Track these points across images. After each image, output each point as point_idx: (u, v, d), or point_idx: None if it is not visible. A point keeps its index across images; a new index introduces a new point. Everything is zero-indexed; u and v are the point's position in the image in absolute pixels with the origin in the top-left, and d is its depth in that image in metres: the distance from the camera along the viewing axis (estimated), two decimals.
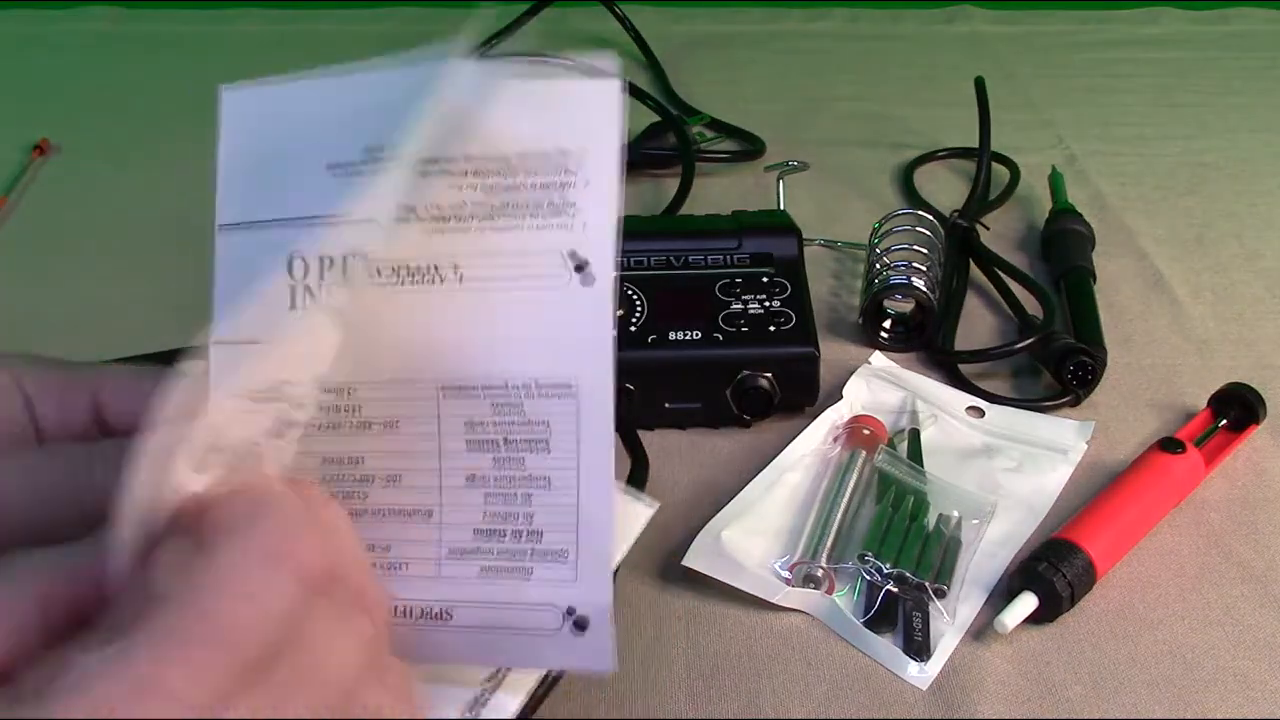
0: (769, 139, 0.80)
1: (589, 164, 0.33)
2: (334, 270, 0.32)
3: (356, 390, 0.34)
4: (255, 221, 0.33)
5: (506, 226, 0.33)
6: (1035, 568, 0.43)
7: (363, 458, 0.34)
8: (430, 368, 0.34)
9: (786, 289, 0.54)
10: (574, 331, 0.33)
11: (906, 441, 0.52)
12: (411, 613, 0.34)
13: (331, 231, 0.32)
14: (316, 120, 0.33)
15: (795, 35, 1.01)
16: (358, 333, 0.34)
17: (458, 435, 0.34)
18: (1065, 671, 0.42)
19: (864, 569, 0.45)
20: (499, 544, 0.33)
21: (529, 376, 0.33)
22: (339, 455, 0.34)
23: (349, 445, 0.34)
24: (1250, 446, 0.52)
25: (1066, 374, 0.55)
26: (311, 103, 0.34)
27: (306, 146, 0.33)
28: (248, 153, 0.33)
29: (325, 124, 0.33)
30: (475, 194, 0.34)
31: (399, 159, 0.32)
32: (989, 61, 0.90)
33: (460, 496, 0.34)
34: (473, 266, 0.34)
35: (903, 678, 0.42)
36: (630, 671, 0.42)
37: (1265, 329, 0.62)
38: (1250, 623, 0.44)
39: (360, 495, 0.34)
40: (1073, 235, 0.67)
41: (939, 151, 0.79)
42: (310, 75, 0.33)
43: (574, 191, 0.33)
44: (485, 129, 0.34)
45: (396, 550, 0.34)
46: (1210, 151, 0.81)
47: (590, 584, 0.33)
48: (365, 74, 0.34)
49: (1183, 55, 0.97)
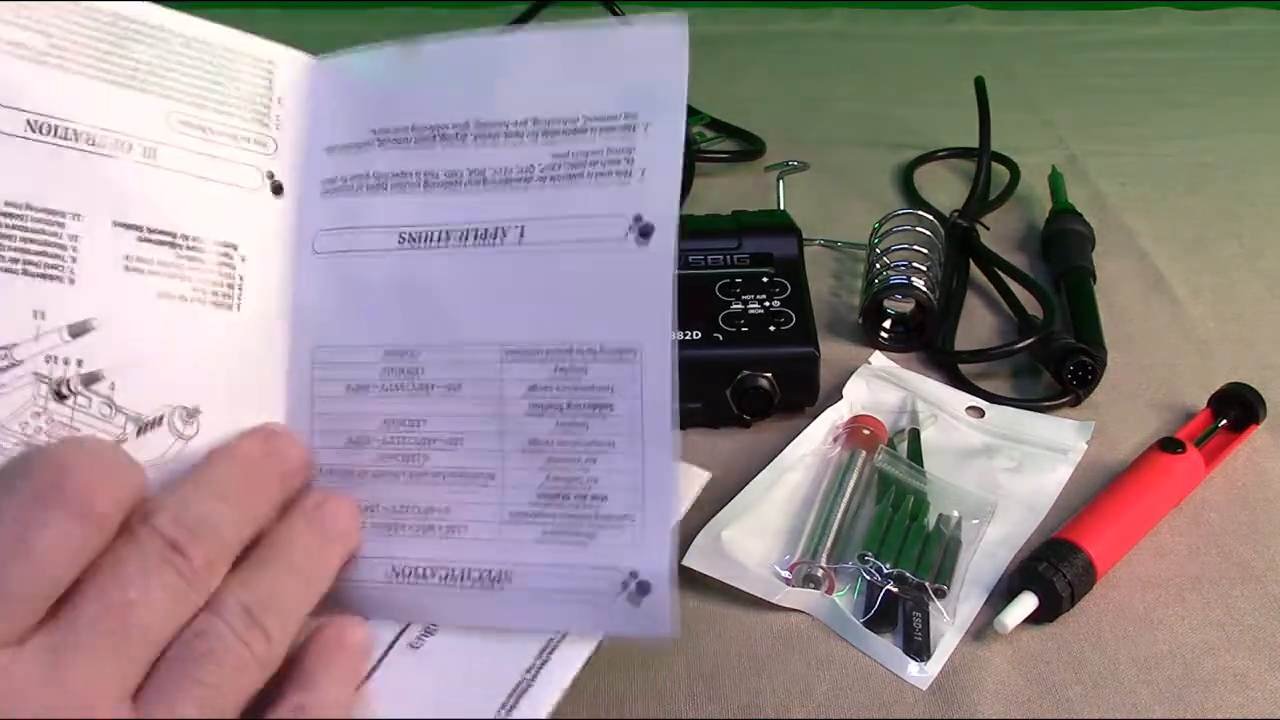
0: (769, 139, 0.80)
1: (653, 111, 0.33)
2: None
3: (419, 353, 0.34)
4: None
5: (571, 185, 0.33)
6: (1035, 568, 0.43)
7: (424, 420, 0.34)
8: (494, 330, 0.34)
9: (786, 289, 0.54)
10: (635, 293, 0.33)
11: (906, 441, 0.52)
12: (469, 575, 0.33)
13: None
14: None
15: (795, 35, 1.01)
16: (422, 295, 0.34)
17: (520, 399, 0.33)
18: (1065, 671, 0.42)
19: (864, 569, 0.45)
20: (561, 508, 0.33)
21: (593, 340, 0.33)
22: (400, 417, 0.34)
23: (410, 407, 0.34)
24: (1250, 446, 0.52)
25: (1066, 374, 0.55)
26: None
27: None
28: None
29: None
30: (543, 155, 0.34)
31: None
32: (989, 61, 0.90)
33: (522, 460, 0.33)
34: (537, 227, 0.34)
35: (903, 678, 0.42)
36: (630, 672, 0.42)
37: (1265, 329, 0.62)
38: (1250, 623, 0.44)
39: (420, 458, 0.34)
40: (1073, 235, 0.67)
41: (939, 151, 0.79)
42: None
43: (637, 140, 0.33)
44: (551, 87, 0.34)
45: (456, 513, 0.34)
46: (1210, 151, 0.81)
47: (653, 548, 0.32)
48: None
49: (1183, 55, 0.97)
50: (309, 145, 0.36)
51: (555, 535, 0.33)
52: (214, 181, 0.35)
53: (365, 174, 0.35)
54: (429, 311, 0.34)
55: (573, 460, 0.33)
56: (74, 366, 0.32)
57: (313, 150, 0.36)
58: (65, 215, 0.32)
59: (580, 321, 0.33)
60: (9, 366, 0.32)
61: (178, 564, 0.29)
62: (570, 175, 0.33)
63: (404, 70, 0.36)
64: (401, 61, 0.36)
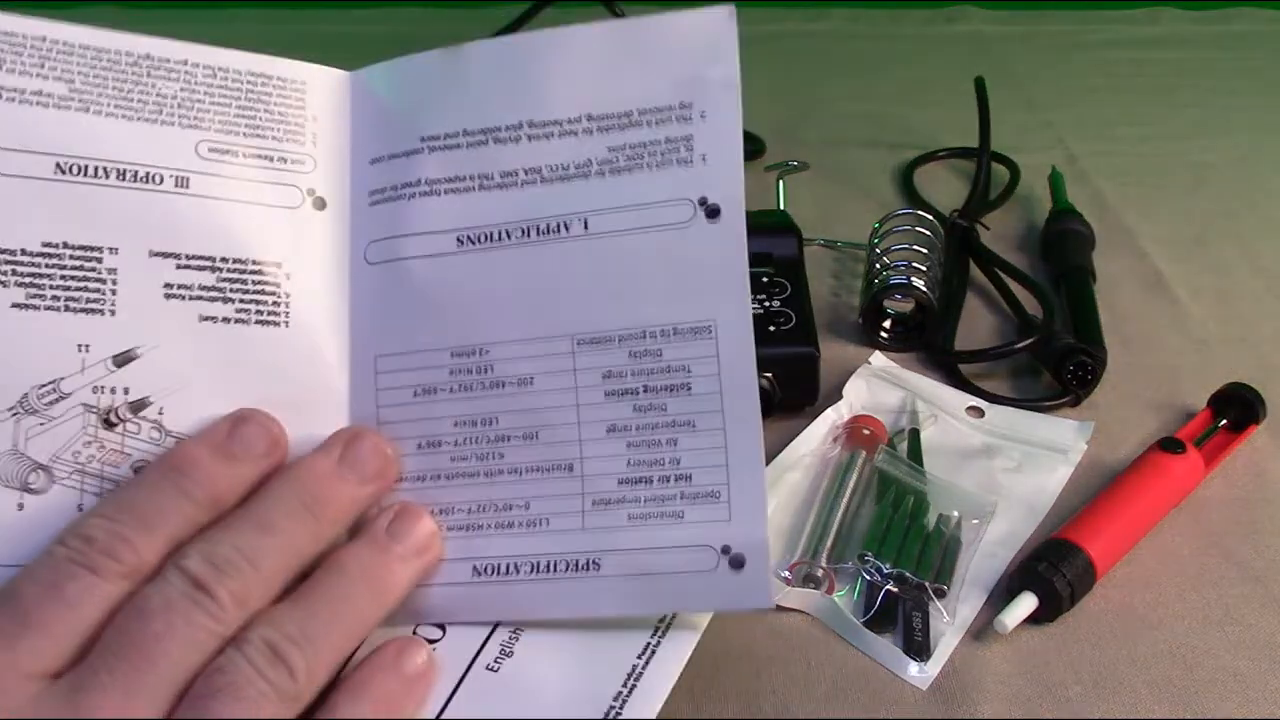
0: (769, 139, 0.80)
1: (708, 98, 0.33)
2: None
3: (488, 350, 0.34)
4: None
5: (631, 174, 0.33)
6: (1035, 568, 0.43)
7: (497, 417, 0.34)
8: (563, 321, 0.34)
9: (786, 289, 0.54)
10: (706, 271, 0.33)
11: (906, 441, 0.52)
12: (557, 565, 0.33)
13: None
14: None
15: (795, 35, 1.01)
16: (486, 294, 0.34)
17: (595, 387, 0.33)
18: (1065, 671, 0.42)
19: (864, 569, 0.45)
20: (646, 490, 0.33)
21: (666, 321, 0.33)
22: (471, 417, 0.34)
23: (482, 406, 0.34)
24: (1250, 446, 0.52)
25: (1066, 374, 0.55)
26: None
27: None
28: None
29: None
30: (599, 149, 0.34)
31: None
32: (989, 61, 0.90)
33: (601, 447, 0.33)
34: (600, 217, 0.34)
35: (903, 678, 0.42)
36: None
37: (1265, 329, 0.62)
38: (1250, 623, 0.44)
39: (496, 455, 0.34)
40: (1073, 235, 0.67)
41: (939, 151, 0.79)
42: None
43: (695, 128, 0.33)
44: (603, 81, 0.34)
45: (537, 506, 0.34)
46: (1210, 151, 0.81)
47: (745, 522, 0.33)
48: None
49: (1183, 55, 0.97)
50: (352, 159, 0.37)
51: (643, 518, 0.33)
52: (251, 203, 0.35)
53: (416, 180, 0.36)
54: (495, 310, 0.34)
55: (653, 442, 0.33)
56: (121, 395, 0.33)
57: (356, 163, 0.37)
58: (102, 250, 0.33)
59: (652, 305, 0.33)
60: (57, 399, 0.32)
61: (203, 602, 0.30)
62: (629, 166, 0.33)
63: (448, 75, 0.36)
64: (444, 66, 0.36)
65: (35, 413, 0.32)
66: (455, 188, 0.35)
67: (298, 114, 0.37)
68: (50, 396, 0.32)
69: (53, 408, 0.32)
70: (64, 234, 0.33)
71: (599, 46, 0.34)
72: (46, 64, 0.33)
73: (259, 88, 0.37)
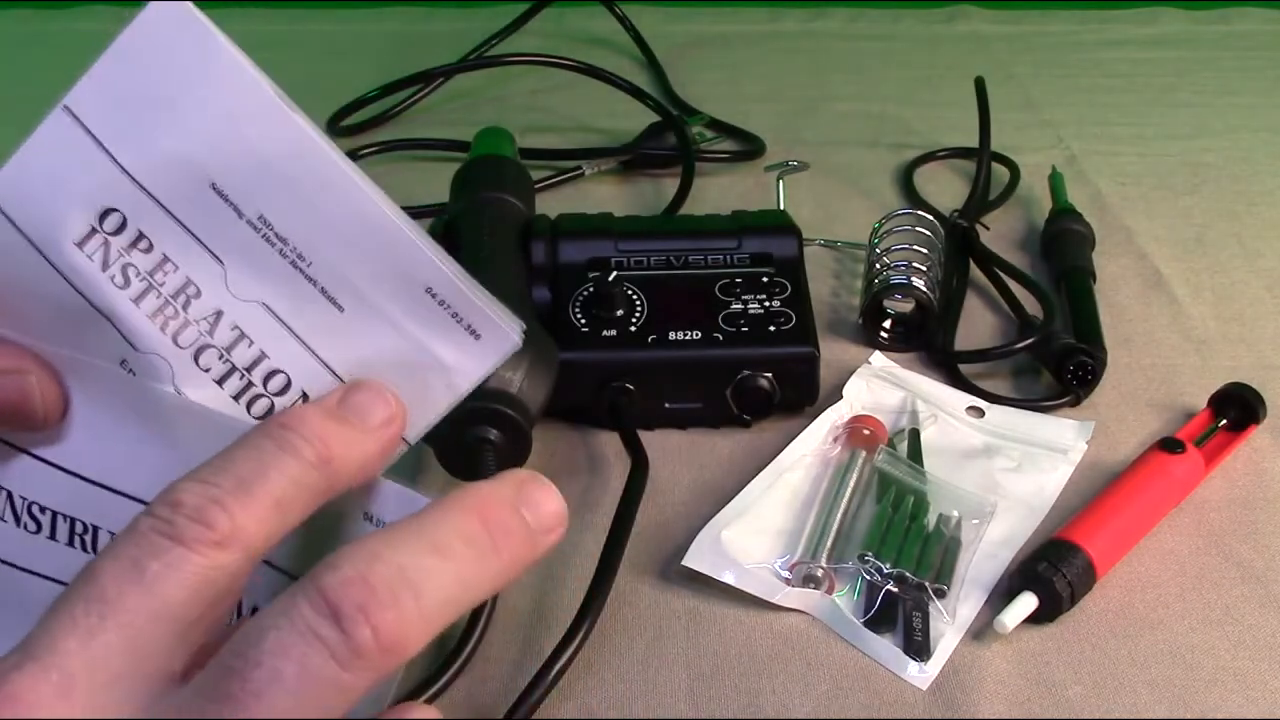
0: (769, 139, 0.80)
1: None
2: (143, 254, 0.30)
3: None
4: (102, 141, 0.30)
5: None
6: (1035, 568, 0.43)
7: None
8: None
9: (786, 289, 0.54)
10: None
11: (906, 441, 0.52)
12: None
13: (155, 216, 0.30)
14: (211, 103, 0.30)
15: (795, 35, 1.01)
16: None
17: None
18: (1065, 671, 0.42)
19: (864, 569, 0.45)
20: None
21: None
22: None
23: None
24: (1250, 446, 0.52)
25: (1066, 374, 0.55)
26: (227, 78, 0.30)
27: (188, 122, 0.30)
28: (149, 80, 0.30)
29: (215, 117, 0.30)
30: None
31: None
32: (989, 61, 0.90)
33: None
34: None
35: (903, 678, 0.42)
36: (630, 671, 0.42)
37: (1265, 329, 0.62)
38: (1250, 623, 0.44)
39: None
40: (1073, 235, 0.67)
41: (939, 151, 0.79)
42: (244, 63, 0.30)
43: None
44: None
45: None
46: (1210, 151, 0.81)
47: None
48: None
49: (1183, 55, 0.97)
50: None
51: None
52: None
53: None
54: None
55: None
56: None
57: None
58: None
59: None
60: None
61: (337, 648, 0.24)
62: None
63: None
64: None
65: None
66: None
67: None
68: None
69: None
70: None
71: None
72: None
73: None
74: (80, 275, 0.30)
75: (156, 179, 0.30)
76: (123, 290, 0.30)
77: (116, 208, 0.30)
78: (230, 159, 0.30)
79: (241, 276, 0.31)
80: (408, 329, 0.31)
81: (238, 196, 0.30)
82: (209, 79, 0.29)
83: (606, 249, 0.56)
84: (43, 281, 0.30)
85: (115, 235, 0.30)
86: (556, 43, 0.92)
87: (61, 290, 0.31)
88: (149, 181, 0.30)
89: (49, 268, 0.30)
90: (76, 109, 0.30)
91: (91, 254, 0.30)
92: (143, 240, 0.30)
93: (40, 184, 0.30)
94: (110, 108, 0.30)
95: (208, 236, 0.30)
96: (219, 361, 0.31)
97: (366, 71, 0.83)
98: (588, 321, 0.53)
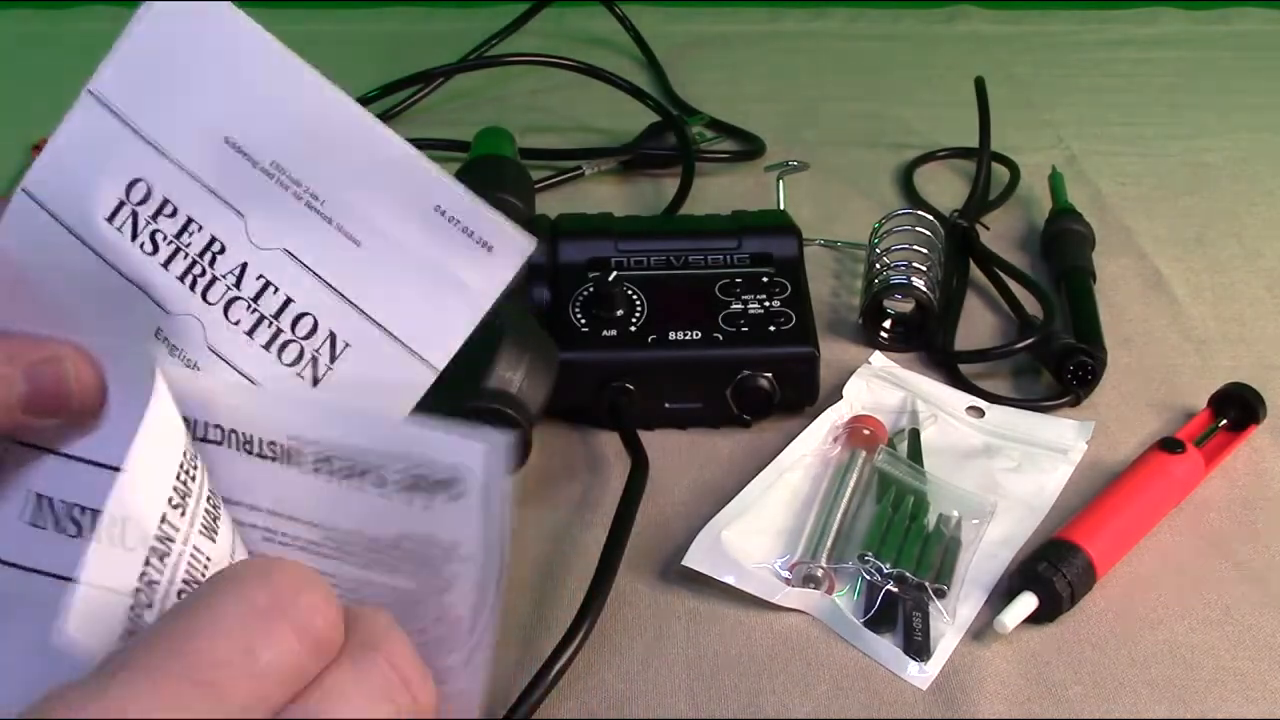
0: (769, 139, 0.80)
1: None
2: (168, 219, 0.32)
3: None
4: (125, 117, 0.32)
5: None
6: (1035, 568, 0.43)
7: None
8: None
9: (786, 289, 0.54)
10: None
11: (906, 441, 0.52)
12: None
13: (187, 186, 0.32)
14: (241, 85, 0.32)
15: (795, 35, 1.00)
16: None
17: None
18: (1065, 671, 0.42)
19: (864, 569, 0.45)
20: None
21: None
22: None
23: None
24: (1250, 446, 0.52)
25: (1066, 374, 0.55)
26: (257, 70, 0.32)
27: (214, 102, 0.32)
28: (165, 52, 0.31)
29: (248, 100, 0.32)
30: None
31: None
32: (989, 61, 0.90)
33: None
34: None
35: (903, 678, 0.42)
36: (630, 671, 0.42)
37: (1265, 329, 0.62)
38: (1250, 623, 0.44)
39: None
40: (1073, 235, 0.67)
41: (939, 151, 0.79)
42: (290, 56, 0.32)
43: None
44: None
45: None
46: (1210, 151, 0.81)
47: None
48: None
49: (1183, 55, 0.97)
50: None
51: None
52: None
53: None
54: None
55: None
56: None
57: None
58: None
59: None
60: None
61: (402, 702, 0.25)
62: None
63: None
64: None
65: None
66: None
67: None
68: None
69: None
70: None
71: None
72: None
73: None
74: (112, 248, 0.31)
75: (176, 143, 0.31)
76: (152, 256, 0.31)
77: (141, 178, 0.31)
78: (241, 110, 0.31)
79: (261, 225, 0.31)
80: (422, 251, 0.31)
81: (251, 147, 0.31)
82: (218, 40, 0.31)
83: (606, 249, 0.56)
84: (77, 263, 0.31)
85: (142, 204, 0.31)
86: (556, 43, 0.92)
87: (95, 268, 0.31)
88: (170, 147, 0.31)
89: (82, 247, 0.31)
90: (99, 91, 0.31)
91: (120, 226, 0.31)
92: (168, 205, 0.31)
93: (73, 169, 0.31)
94: (130, 85, 0.31)
95: (227, 191, 0.31)
96: (248, 313, 0.32)
97: (366, 71, 0.83)
98: (588, 321, 0.53)
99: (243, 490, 0.31)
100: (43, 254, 0.31)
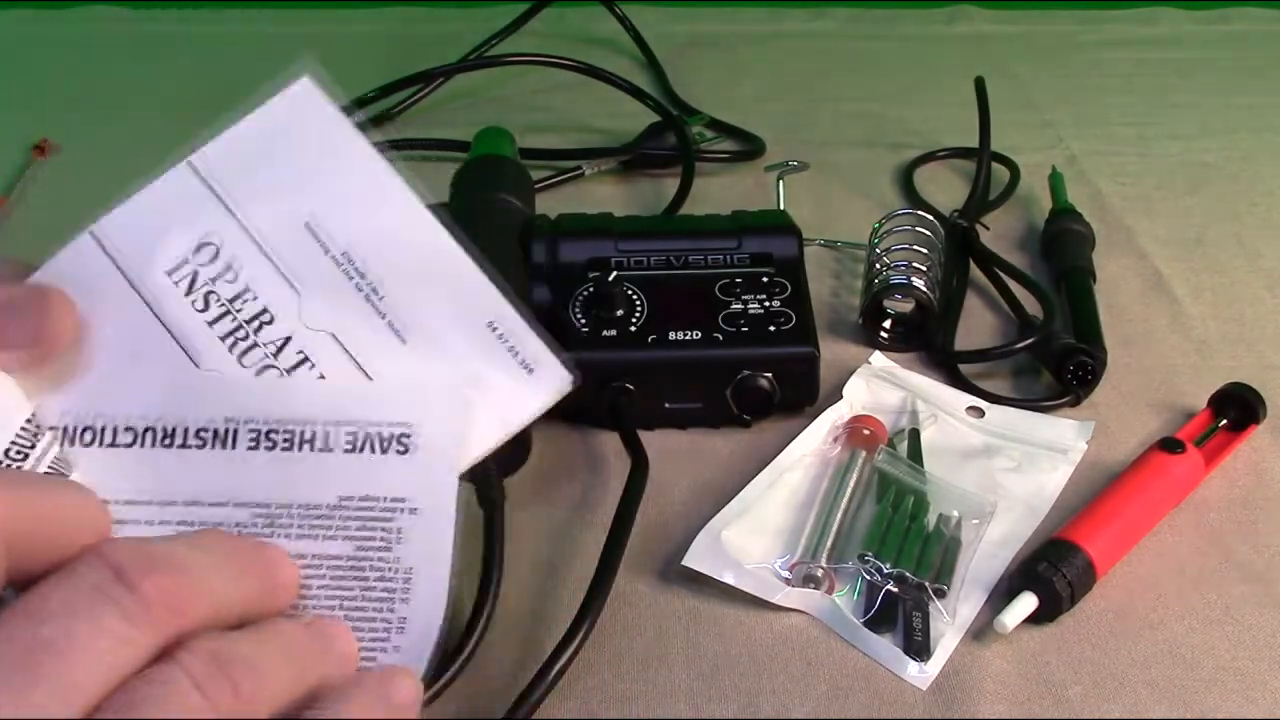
0: (769, 139, 0.80)
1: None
2: (228, 283, 0.33)
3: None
4: (215, 186, 0.33)
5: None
6: (1035, 568, 0.43)
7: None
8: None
9: (786, 289, 0.54)
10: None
11: (906, 441, 0.52)
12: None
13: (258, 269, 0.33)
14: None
15: (795, 35, 1.01)
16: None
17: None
18: (1065, 671, 0.42)
19: (864, 569, 0.45)
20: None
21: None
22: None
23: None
24: (1250, 446, 0.52)
25: (1066, 374, 0.55)
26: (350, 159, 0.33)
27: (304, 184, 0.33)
28: (271, 137, 0.33)
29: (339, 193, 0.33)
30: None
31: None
32: (989, 61, 0.90)
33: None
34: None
35: (903, 678, 0.42)
36: (630, 671, 0.42)
37: (1265, 329, 0.62)
38: (1250, 623, 0.44)
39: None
40: (1073, 235, 0.67)
41: (939, 151, 0.79)
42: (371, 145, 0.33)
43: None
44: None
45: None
46: (1210, 151, 0.81)
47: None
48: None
49: (1183, 55, 0.97)
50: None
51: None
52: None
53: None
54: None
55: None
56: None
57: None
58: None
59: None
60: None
61: (120, 598, 0.25)
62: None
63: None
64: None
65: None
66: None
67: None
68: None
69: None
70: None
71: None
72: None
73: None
74: (162, 297, 0.33)
75: (257, 216, 0.33)
76: (201, 313, 0.33)
77: (212, 241, 0.33)
78: (327, 201, 0.33)
79: (315, 306, 0.33)
80: (465, 361, 0.33)
81: (327, 234, 0.33)
82: (320, 138, 0.33)
83: (606, 249, 0.56)
84: (119, 309, 0.33)
85: (205, 265, 0.33)
86: (556, 43, 0.92)
87: (137, 315, 0.33)
88: (249, 217, 0.33)
89: (131, 295, 0.33)
90: (200, 165, 0.33)
91: (178, 280, 0.33)
92: (230, 271, 0.33)
93: (149, 224, 0.33)
94: (230, 160, 0.33)
95: (291, 269, 0.33)
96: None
97: (366, 71, 0.83)
98: (588, 321, 0.53)
99: (154, 490, 0.32)
100: (88, 293, 0.32)
